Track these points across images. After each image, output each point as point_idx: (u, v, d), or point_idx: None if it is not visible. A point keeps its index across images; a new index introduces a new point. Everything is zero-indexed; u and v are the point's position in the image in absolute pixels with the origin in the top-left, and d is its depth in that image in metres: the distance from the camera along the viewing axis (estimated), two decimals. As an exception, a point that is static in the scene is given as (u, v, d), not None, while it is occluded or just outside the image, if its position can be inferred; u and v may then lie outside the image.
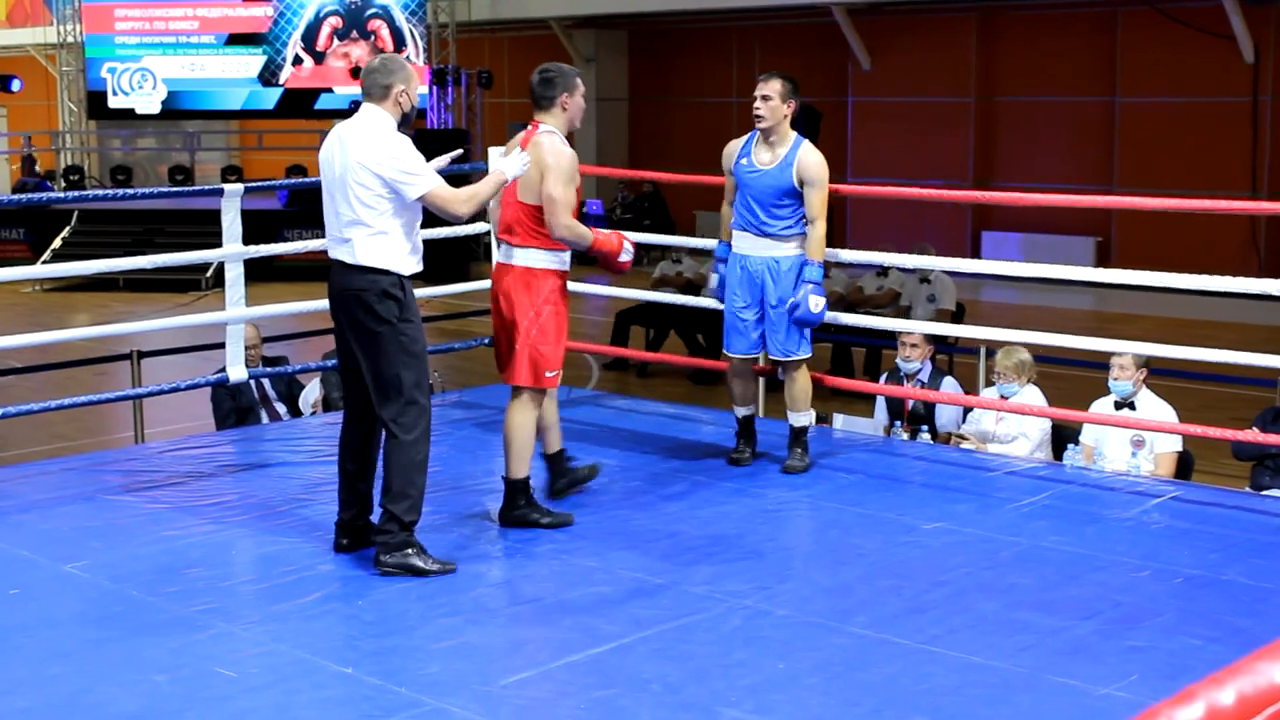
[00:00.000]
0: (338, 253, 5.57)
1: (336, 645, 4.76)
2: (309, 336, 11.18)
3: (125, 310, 18.16)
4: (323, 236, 5.78)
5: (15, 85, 24.06)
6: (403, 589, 5.31)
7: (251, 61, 24.00)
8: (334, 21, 23.79)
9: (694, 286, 14.05)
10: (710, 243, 11.43)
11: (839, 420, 8.03)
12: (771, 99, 6.86)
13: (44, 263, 20.50)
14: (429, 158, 5.76)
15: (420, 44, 23.59)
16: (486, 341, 8.90)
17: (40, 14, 28.35)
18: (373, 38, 23.63)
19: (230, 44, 23.76)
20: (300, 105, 23.85)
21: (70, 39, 25.25)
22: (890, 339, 9.11)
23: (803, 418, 7.12)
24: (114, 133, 28.31)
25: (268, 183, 13.75)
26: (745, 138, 7.08)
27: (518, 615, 5.26)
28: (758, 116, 6.87)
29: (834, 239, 7.45)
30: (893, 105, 21.91)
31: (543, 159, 6.05)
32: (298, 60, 23.80)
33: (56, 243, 22.11)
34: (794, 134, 6.94)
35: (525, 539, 6.16)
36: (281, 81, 23.74)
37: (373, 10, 23.64)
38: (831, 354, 13.24)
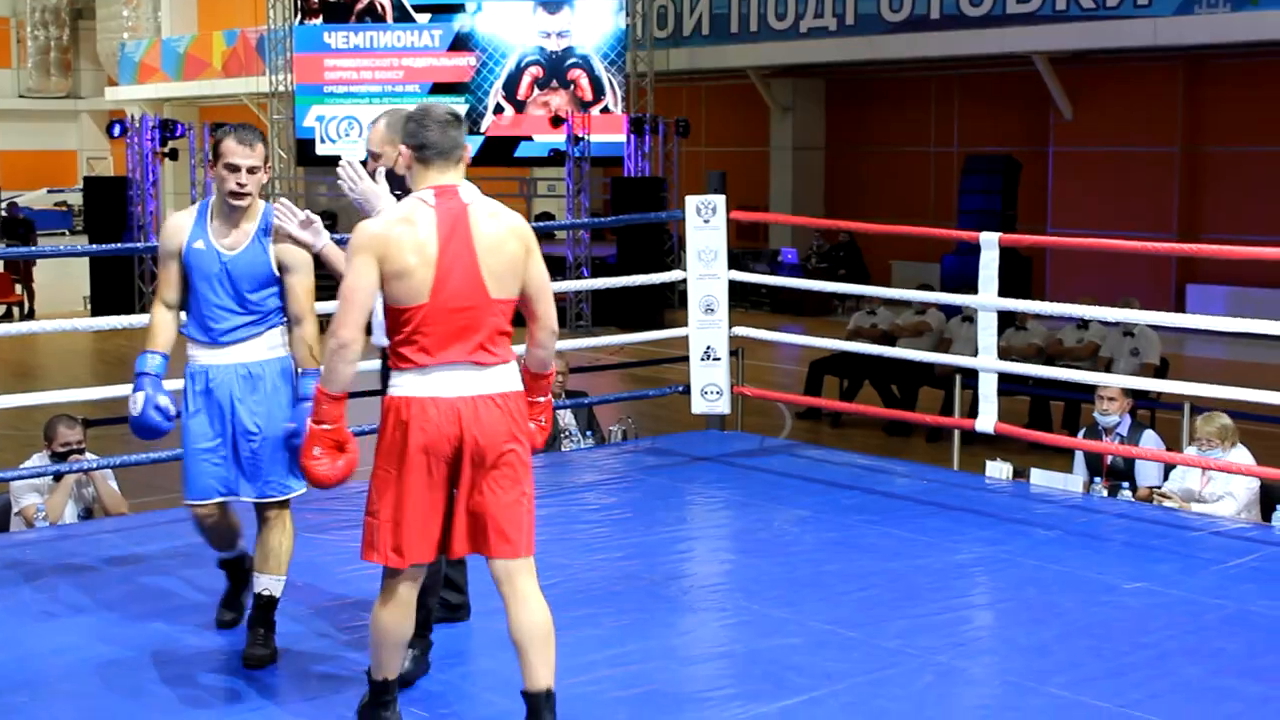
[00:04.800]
0: None
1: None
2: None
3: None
4: None
5: (229, 133, 24.83)
6: (593, 635, 5.31)
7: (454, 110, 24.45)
8: (535, 71, 24.14)
9: (889, 337, 13.93)
10: (909, 294, 11.36)
11: (1036, 475, 7.87)
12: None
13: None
14: (628, 206, 5.72)
15: (619, 93, 23.83)
16: (681, 389, 8.96)
17: (254, 64, 29.28)
18: (572, 87, 23.93)
19: (434, 92, 24.24)
20: (501, 153, 24.22)
21: (281, 88, 26.01)
22: (1089, 392, 8.93)
23: (276, 583, 5.12)
24: (321, 179, 29.07)
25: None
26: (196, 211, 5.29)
27: (708, 664, 5.24)
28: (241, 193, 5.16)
29: (1034, 290, 7.26)
30: (1095, 155, 21.52)
31: (525, 233, 4.36)
32: (499, 109, 24.19)
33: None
34: (262, 204, 5.31)
35: (717, 586, 6.15)
36: (483, 129, 24.15)
37: (573, 60, 23.95)
38: (1029, 407, 13.02)
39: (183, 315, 5.13)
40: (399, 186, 4.89)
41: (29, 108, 40.96)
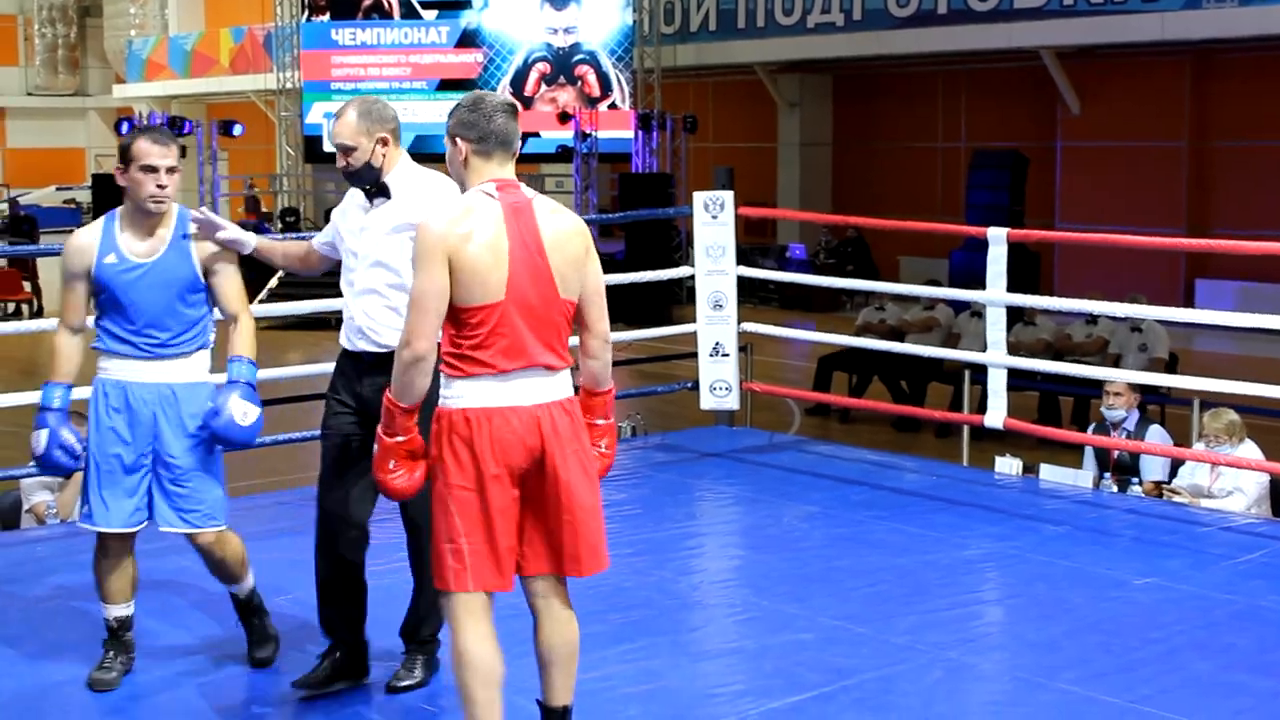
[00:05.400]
0: None
1: (533, 685, 4.78)
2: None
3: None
4: None
5: (237, 130, 24.86)
6: (602, 631, 5.32)
7: (462, 107, 24.39)
8: (542, 67, 24.17)
9: (897, 333, 13.93)
10: (918, 289, 11.34)
11: (1046, 471, 7.87)
12: None
13: (260, 302, 21.11)
14: (636, 202, 5.61)
15: (626, 89, 23.84)
16: (690, 385, 8.96)
17: (261, 61, 29.30)
18: (579, 83, 23.95)
19: (441, 89, 24.27)
20: (507, 149, 24.22)
21: (289, 85, 26.04)
22: (1098, 388, 8.92)
23: (246, 585, 5.06)
24: (329, 176, 29.08)
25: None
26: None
27: (718, 660, 5.24)
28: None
29: (1042, 285, 7.21)
30: (1103, 150, 21.49)
31: (586, 233, 4.10)
32: (506, 105, 24.21)
33: (273, 282, 22.74)
34: (176, 207, 4.85)
35: (727, 582, 6.16)
36: (490, 126, 24.15)
37: (580, 56, 23.97)
38: (1038, 403, 13.00)
39: (81, 337, 4.81)
40: (372, 182, 4.67)
41: (37, 105, 41.03)
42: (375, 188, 4.68)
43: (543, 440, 3.87)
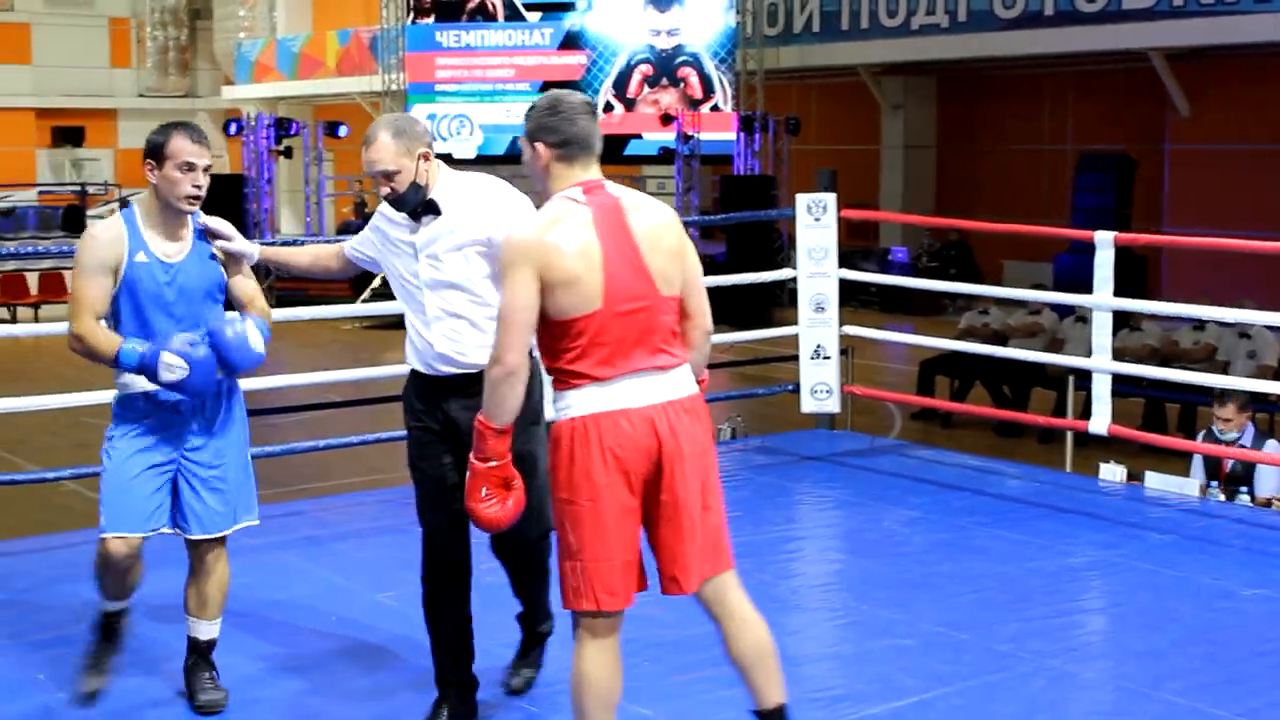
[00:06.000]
0: None
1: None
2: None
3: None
4: None
5: (342, 131, 25.10)
6: (699, 634, 5.31)
7: (564, 108, 24.44)
8: (645, 69, 24.19)
9: (1001, 337, 13.80)
10: (1021, 293, 11.21)
11: (1151, 478, 7.76)
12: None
13: (364, 301, 21.32)
14: (738, 204, 5.50)
15: (729, 91, 23.81)
16: (790, 388, 8.93)
17: (367, 63, 29.55)
18: (682, 85, 23.95)
19: (544, 90, 24.38)
20: (611, 151, 24.09)
21: (394, 87, 26.24)
22: (1205, 395, 8.78)
23: (214, 627, 4.80)
24: (433, 177, 29.28)
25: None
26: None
27: (818, 664, 5.22)
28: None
29: (1149, 290, 7.10)
30: (1212, 153, 21.16)
31: (679, 225, 3.98)
32: (609, 107, 24.26)
33: (376, 281, 22.96)
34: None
35: (827, 586, 6.13)
36: (593, 127, 24.24)
37: (683, 58, 23.96)
38: (1144, 409, 12.84)
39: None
40: (420, 203, 4.46)
41: (148, 106, 41.60)
42: (423, 207, 4.47)
43: (659, 441, 3.73)
